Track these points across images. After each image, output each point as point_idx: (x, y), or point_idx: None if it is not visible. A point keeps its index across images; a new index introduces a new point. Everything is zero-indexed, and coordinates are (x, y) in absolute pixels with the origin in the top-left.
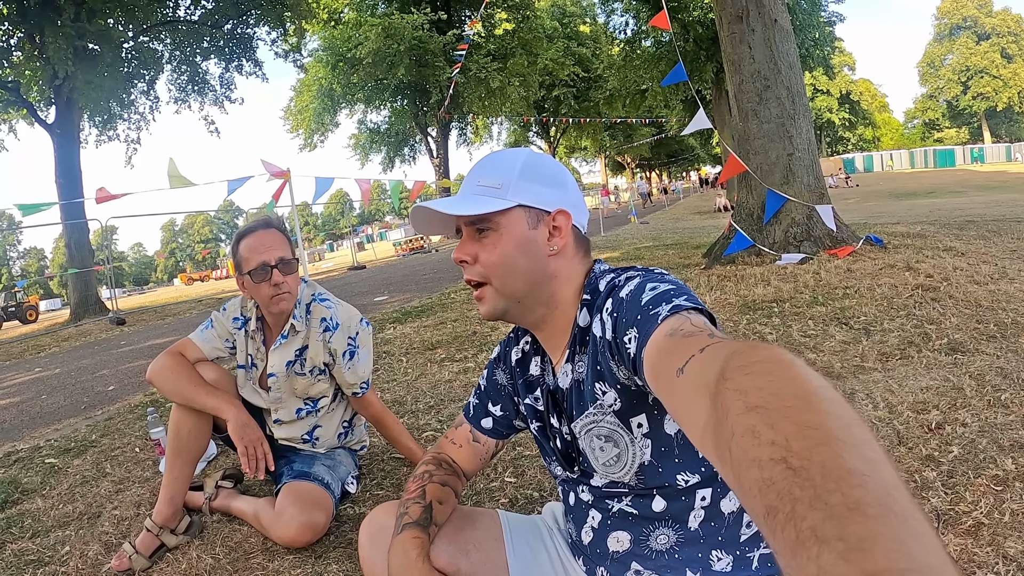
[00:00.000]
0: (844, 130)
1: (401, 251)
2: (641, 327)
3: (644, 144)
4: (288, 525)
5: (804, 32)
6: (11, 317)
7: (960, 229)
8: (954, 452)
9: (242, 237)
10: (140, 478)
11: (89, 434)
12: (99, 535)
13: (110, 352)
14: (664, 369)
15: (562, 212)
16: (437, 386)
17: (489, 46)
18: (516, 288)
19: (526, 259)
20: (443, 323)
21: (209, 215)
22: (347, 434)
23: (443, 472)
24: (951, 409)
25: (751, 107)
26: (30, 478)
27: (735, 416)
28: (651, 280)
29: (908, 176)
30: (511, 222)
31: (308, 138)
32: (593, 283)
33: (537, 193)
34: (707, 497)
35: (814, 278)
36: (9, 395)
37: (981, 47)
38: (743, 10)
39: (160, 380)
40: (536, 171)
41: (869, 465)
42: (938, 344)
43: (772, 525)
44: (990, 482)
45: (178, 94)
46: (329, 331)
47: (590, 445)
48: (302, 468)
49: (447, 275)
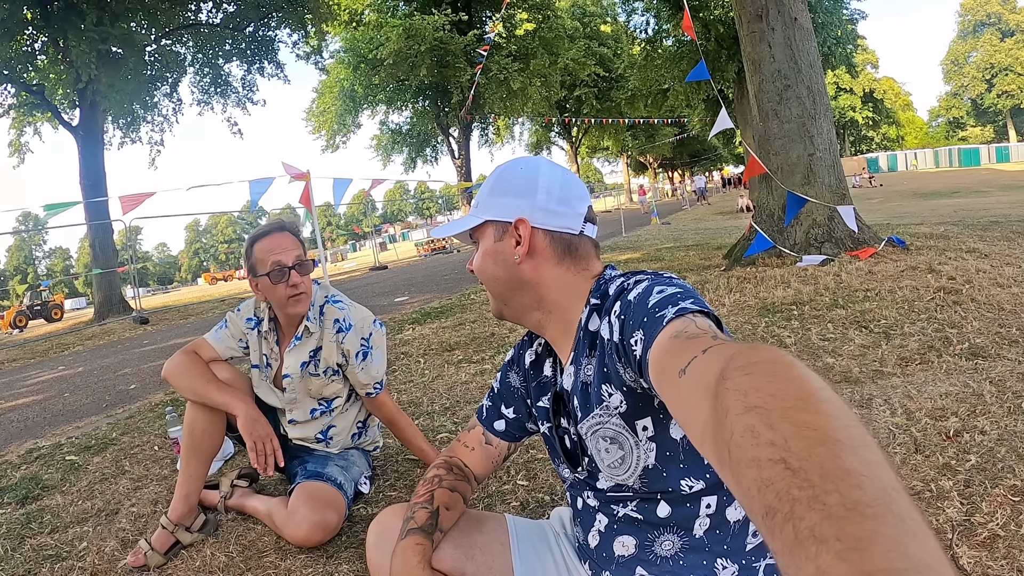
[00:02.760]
0: (868, 129)
1: (423, 251)
2: (647, 329)
3: (666, 144)
4: (300, 525)
5: (826, 30)
6: (37, 316)
7: (984, 230)
8: (971, 461)
9: (256, 240)
10: (158, 476)
11: (110, 432)
12: (116, 531)
13: (132, 351)
14: (667, 370)
15: (520, 221)
16: (453, 388)
17: (510, 47)
18: (499, 293)
19: (496, 268)
20: (462, 324)
21: (232, 215)
22: (361, 435)
23: (453, 477)
24: (970, 416)
25: (771, 107)
26: (51, 475)
27: (734, 416)
28: (659, 283)
29: (933, 175)
30: (483, 236)
31: (330, 139)
32: (603, 288)
33: (501, 205)
34: (712, 505)
35: (834, 280)
36: (33, 393)
37: (1005, 44)
38: (763, 9)
39: (174, 377)
40: (504, 184)
41: (867, 466)
42: (959, 349)
43: (770, 525)
44: (1007, 492)
45: (201, 96)
46: (342, 332)
47: (596, 446)
48: (315, 468)
49: (468, 276)
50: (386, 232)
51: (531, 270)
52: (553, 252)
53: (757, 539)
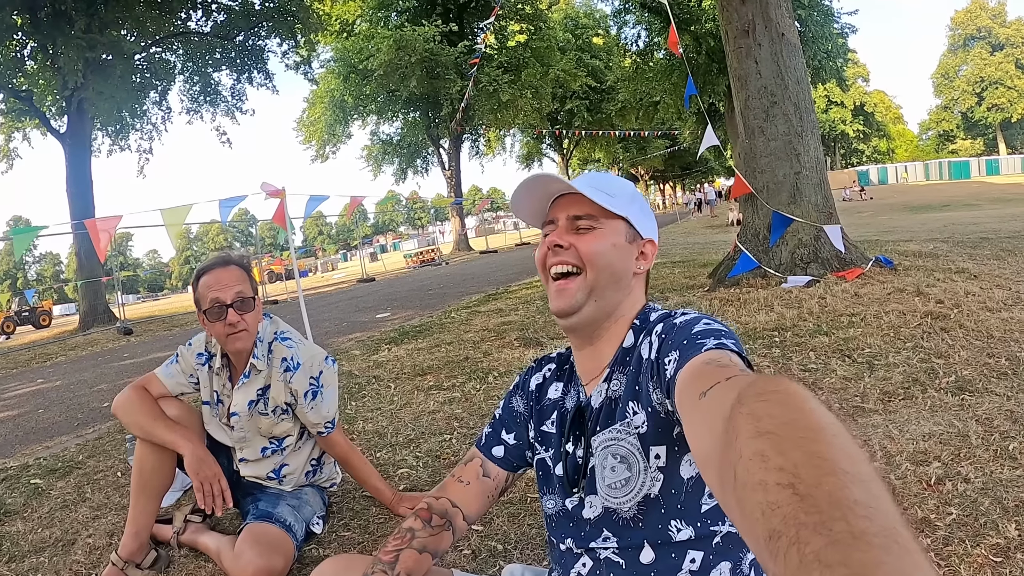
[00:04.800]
0: (858, 142)
1: (412, 263)
2: (683, 351)
3: (658, 156)
4: (245, 569)
5: (816, 44)
6: (24, 322)
7: (974, 247)
8: (953, 515)
9: (200, 274)
10: (118, 505)
11: (77, 454)
12: (71, 564)
13: (111, 365)
14: (690, 391)
15: (651, 242)
16: (420, 417)
17: (501, 58)
18: (604, 284)
19: (620, 262)
20: (437, 346)
21: (223, 224)
22: (316, 472)
23: (428, 533)
24: (954, 461)
25: (758, 124)
26: (14, 499)
27: (745, 439)
28: (707, 319)
29: (923, 188)
30: (613, 228)
31: (320, 149)
32: (646, 314)
33: (639, 217)
34: (697, 561)
35: (819, 304)
36: (9, 408)
37: (995, 58)
38: (749, 24)
39: (122, 413)
40: (640, 200)
41: (875, 500)
42: (945, 383)
43: (774, 549)
44: (989, 552)
45: (190, 104)
46: (290, 371)
47: (603, 463)
48: (266, 508)
49: (452, 291)
50: (376, 243)
51: (634, 283)
52: (645, 280)
53: None
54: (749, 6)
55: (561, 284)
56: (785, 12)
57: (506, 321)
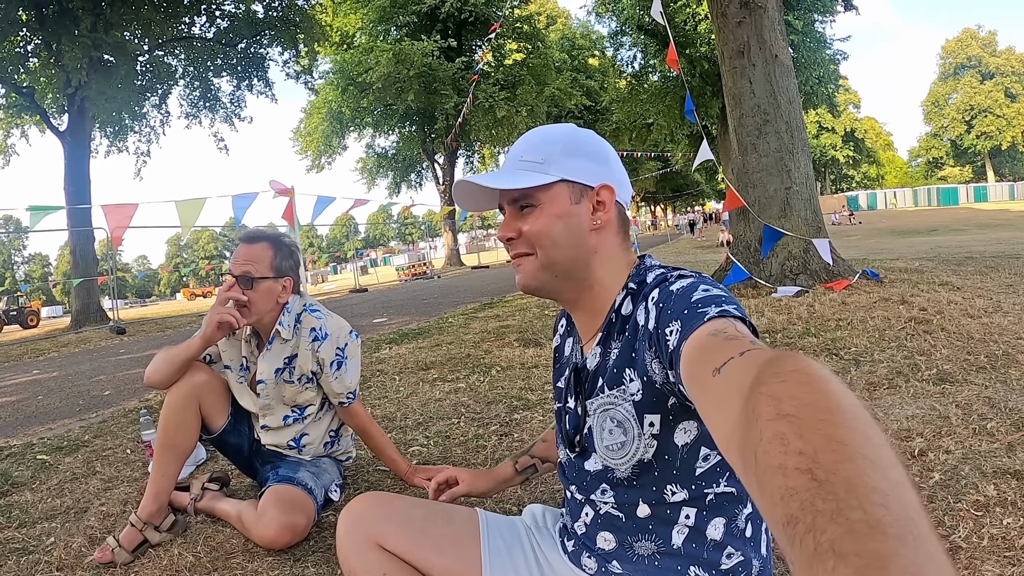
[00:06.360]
0: (848, 168)
1: (404, 276)
2: (685, 322)
3: (650, 178)
4: (268, 525)
5: (808, 70)
6: (12, 321)
7: (958, 265)
8: (935, 478)
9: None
10: (129, 478)
11: (82, 435)
12: (84, 529)
13: (108, 359)
14: (701, 366)
15: (605, 187)
16: (427, 404)
17: (497, 75)
18: (558, 260)
19: (568, 232)
20: (438, 345)
21: (214, 231)
22: (333, 443)
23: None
24: (935, 437)
25: (750, 141)
26: (21, 472)
27: (765, 421)
28: (704, 283)
29: (911, 214)
30: (553, 197)
31: (316, 159)
32: (641, 274)
33: (580, 168)
34: (691, 517)
35: (808, 310)
36: (6, 394)
37: (985, 86)
38: (744, 45)
39: (151, 370)
40: (579, 146)
41: (893, 486)
42: (927, 375)
43: (791, 535)
44: (970, 507)
45: (189, 109)
46: (318, 340)
47: (600, 424)
48: (287, 473)
49: (447, 300)
50: (367, 256)
51: (597, 239)
52: (618, 225)
53: (731, 561)
54: (744, 28)
55: (516, 263)
56: (779, 35)
57: (504, 325)
